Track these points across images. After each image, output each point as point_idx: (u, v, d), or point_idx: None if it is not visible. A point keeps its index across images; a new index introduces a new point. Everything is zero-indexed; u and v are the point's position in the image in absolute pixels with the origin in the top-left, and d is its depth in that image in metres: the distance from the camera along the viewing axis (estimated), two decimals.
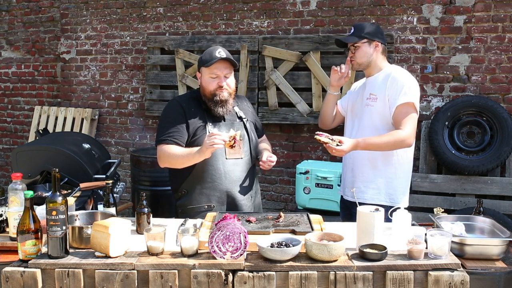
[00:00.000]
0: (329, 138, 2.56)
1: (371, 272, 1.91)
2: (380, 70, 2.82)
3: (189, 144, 2.65)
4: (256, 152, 2.81)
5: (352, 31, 2.83)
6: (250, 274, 1.91)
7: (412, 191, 4.53)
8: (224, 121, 2.72)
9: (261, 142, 2.92)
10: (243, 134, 2.73)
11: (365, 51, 2.77)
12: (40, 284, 1.94)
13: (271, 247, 1.98)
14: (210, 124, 2.67)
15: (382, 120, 2.76)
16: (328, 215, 3.62)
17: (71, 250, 2.05)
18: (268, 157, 2.66)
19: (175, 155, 2.59)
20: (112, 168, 3.76)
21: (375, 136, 2.69)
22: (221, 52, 2.62)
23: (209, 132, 2.59)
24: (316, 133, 2.61)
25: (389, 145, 2.67)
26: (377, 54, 2.80)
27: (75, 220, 2.28)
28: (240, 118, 2.79)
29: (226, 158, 2.67)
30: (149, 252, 2.02)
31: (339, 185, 4.14)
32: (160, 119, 2.75)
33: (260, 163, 2.69)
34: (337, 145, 2.56)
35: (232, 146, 2.49)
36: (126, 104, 5.89)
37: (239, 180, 2.71)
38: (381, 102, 2.74)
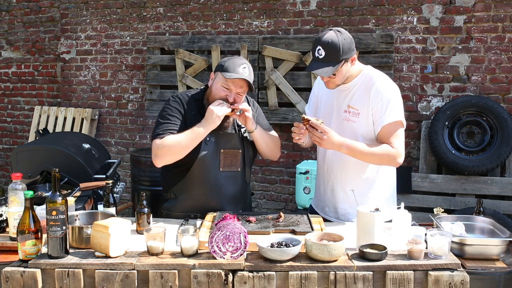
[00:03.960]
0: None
1: (371, 272, 1.91)
2: (354, 76, 2.48)
3: None
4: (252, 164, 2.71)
5: (323, 54, 2.32)
6: (250, 274, 1.91)
7: (412, 191, 4.54)
8: (221, 131, 2.54)
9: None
10: (239, 146, 2.59)
11: (345, 70, 2.40)
12: (40, 284, 1.94)
13: (271, 247, 1.98)
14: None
15: (366, 139, 2.44)
16: None
17: (71, 250, 2.05)
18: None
19: (176, 142, 2.42)
20: (112, 168, 3.75)
21: (362, 143, 2.39)
22: (245, 69, 2.45)
23: (205, 140, 2.50)
24: (302, 116, 2.37)
25: (375, 156, 2.38)
26: (352, 65, 2.44)
27: (75, 220, 2.28)
28: (239, 127, 2.62)
29: (220, 170, 2.56)
30: (149, 252, 2.02)
31: None
32: (158, 114, 2.60)
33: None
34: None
35: (234, 110, 2.44)
36: (126, 104, 5.89)
37: (231, 195, 2.58)
38: (365, 119, 2.43)
